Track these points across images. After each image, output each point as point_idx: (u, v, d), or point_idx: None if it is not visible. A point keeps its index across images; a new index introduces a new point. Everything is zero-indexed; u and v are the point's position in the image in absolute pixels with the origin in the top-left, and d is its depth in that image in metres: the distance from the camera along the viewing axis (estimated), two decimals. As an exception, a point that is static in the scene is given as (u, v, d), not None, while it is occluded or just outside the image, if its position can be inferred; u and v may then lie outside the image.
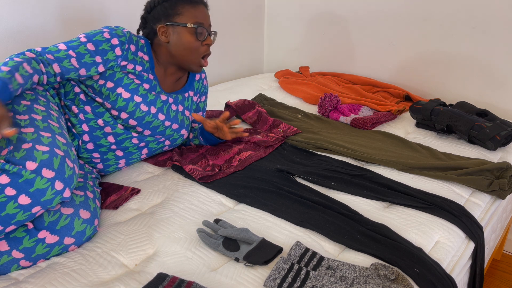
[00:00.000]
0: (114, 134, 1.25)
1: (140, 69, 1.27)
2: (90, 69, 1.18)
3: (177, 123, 1.37)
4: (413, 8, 1.99)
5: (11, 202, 0.86)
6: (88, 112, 1.23)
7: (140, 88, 1.26)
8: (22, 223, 0.91)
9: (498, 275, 1.86)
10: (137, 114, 1.26)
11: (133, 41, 1.26)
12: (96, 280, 0.91)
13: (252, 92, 2.13)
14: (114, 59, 1.21)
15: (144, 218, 1.12)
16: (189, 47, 1.28)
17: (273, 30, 2.59)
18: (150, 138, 1.33)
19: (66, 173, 0.93)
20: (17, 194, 0.87)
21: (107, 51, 1.19)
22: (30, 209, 0.89)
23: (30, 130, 0.96)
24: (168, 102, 1.34)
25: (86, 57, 1.17)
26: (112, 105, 1.23)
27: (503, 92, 1.85)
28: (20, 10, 1.50)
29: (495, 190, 1.27)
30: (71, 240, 0.98)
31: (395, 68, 2.15)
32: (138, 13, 1.86)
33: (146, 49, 1.30)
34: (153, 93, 1.29)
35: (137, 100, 1.25)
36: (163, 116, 1.32)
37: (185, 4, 1.27)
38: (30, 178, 0.87)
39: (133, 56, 1.25)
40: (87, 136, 1.23)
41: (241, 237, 0.99)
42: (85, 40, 1.18)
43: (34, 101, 1.08)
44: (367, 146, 1.53)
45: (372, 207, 1.18)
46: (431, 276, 0.93)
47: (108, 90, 1.22)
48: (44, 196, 0.90)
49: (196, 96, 1.48)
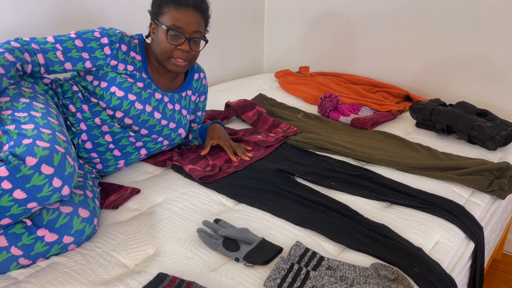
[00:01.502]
0: (111, 133, 1.26)
1: (132, 69, 1.27)
2: (77, 64, 1.19)
3: (174, 122, 1.37)
4: (413, 8, 1.99)
5: (5, 195, 0.87)
6: (86, 111, 1.23)
7: (133, 86, 1.26)
8: (18, 217, 0.91)
9: (498, 275, 1.86)
10: (132, 112, 1.26)
11: (125, 41, 1.26)
12: (96, 280, 0.91)
13: (252, 92, 2.13)
14: (103, 57, 1.22)
15: (144, 218, 1.12)
16: (161, 47, 1.24)
17: (273, 30, 2.59)
18: (147, 138, 1.33)
19: (66, 170, 0.93)
20: (12, 188, 0.87)
21: (95, 49, 1.20)
22: (25, 204, 0.89)
23: (30, 126, 0.96)
24: (164, 100, 1.33)
25: (72, 51, 1.18)
26: (107, 104, 1.23)
27: (503, 92, 1.85)
28: (20, 10, 1.50)
29: (495, 190, 1.27)
30: (70, 239, 0.98)
31: (395, 68, 2.15)
32: (138, 13, 1.86)
33: (139, 49, 1.30)
34: (147, 91, 1.29)
35: (131, 98, 1.25)
36: (159, 115, 1.32)
37: (170, 5, 1.24)
38: (28, 174, 0.87)
39: (124, 56, 1.25)
40: (85, 135, 1.24)
41: (241, 237, 0.99)
42: (74, 36, 1.20)
43: (33, 99, 1.08)
44: (367, 146, 1.53)
45: (372, 207, 1.18)
46: (431, 276, 0.93)
47: (102, 90, 1.23)
48: (41, 192, 0.89)
49: (195, 95, 1.48)
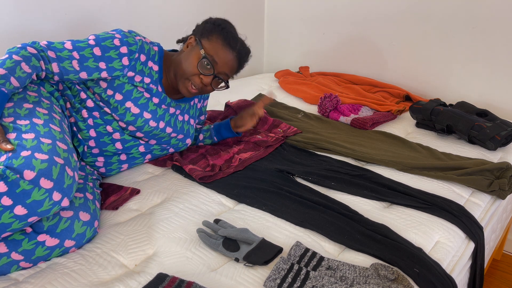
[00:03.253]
0: (122, 140, 1.24)
1: (149, 81, 1.23)
2: (92, 73, 1.15)
3: (182, 133, 1.37)
4: (413, 8, 1.99)
5: (6, 212, 0.84)
6: (97, 117, 1.20)
7: (149, 103, 1.23)
8: (18, 230, 0.90)
9: (498, 275, 1.86)
10: (145, 129, 1.25)
11: (144, 50, 1.21)
12: (96, 281, 0.91)
13: (252, 92, 2.13)
14: (120, 68, 1.17)
15: (144, 218, 1.12)
16: (186, 67, 1.22)
17: (273, 30, 2.58)
18: (156, 146, 1.33)
19: (65, 183, 0.91)
20: (13, 204, 0.85)
21: (114, 59, 1.16)
22: (26, 219, 0.87)
23: (30, 136, 0.94)
24: (176, 114, 1.32)
25: (89, 61, 1.13)
26: (120, 118, 1.20)
27: (503, 92, 1.85)
28: (20, 11, 1.50)
29: (495, 190, 1.27)
30: (71, 242, 0.97)
31: (395, 68, 2.15)
32: (138, 13, 1.86)
33: (157, 58, 1.26)
34: (162, 107, 1.27)
35: (146, 117, 1.22)
36: (170, 129, 1.31)
37: (219, 38, 1.23)
38: (28, 189, 0.85)
39: (142, 67, 1.21)
40: (93, 141, 1.21)
41: (241, 237, 0.99)
42: (93, 43, 1.15)
43: (37, 104, 1.05)
44: (367, 146, 1.53)
45: (372, 207, 1.18)
46: (431, 276, 0.93)
47: (116, 102, 1.19)
48: (42, 207, 0.87)
49: (200, 102, 1.49)
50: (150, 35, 1.84)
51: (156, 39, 1.73)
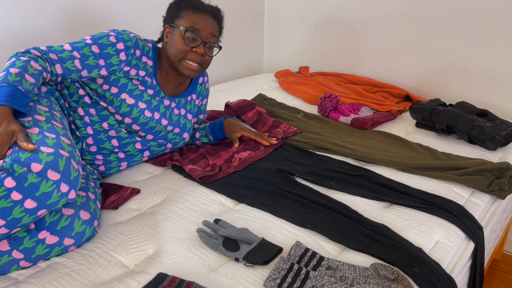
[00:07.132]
0: (118, 138, 1.26)
1: (144, 74, 1.27)
2: (92, 71, 1.18)
3: (179, 127, 1.38)
4: (413, 8, 1.99)
5: (17, 207, 0.86)
6: (93, 115, 1.23)
7: (144, 94, 1.26)
8: (26, 226, 0.91)
9: (498, 275, 1.86)
10: (141, 120, 1.27)
11: (139, 46, 1.26)
12: (96, 280, 0.91)
13: (252, 92, 2.13)
14: (118, 63, 1.21)
15: (144, 218, 1.12)
16: (176, 48, 1.25)
17: (273, 30, 2.59)
18: (152, 142, 1.34)
19: (71, 174, 0.93)
20: (23, 198, 0.86)
21: (112, 55, 1.20)
22: (35, 212, 0.89)
23: (35, 131, 0.96)
24: (171, 106, 1.34)
25: (90, 59, 1.17)
26: (116, 110, 1.23)
27: (503, 92, 1.85)
28: (20, 11, 1.50)
29: (495, 190, 1.27)
30: (70, 241, 0.98)
31: (395, 68, 2.15)
32: (138, 13, 1.86)
33: (151, 53, 1.30)
34: (156, 99, 1.30)
35: (141, 107, 1.25)
36: (165, 121, 1.32)
37: (188, 9, 1.27)
38: (36, 181, 0.87)
39: (136, 61, 1.25)
40: (91, 139, 1.24)
41: (241, 237, 0.99)
42: (91, 42, 1.19)
43: (37, 102, 1.08)
44: (367, 146, 1.53)
45: (372, 207, 1.18)
46: (431, 276, 0.93)
47: (112, 96, 1.22)
48: (50, 199, 0.89)
49: (199, 99, 1.49)
50: (150, 35, 1.83)
51: (156, 39, 1.73)
